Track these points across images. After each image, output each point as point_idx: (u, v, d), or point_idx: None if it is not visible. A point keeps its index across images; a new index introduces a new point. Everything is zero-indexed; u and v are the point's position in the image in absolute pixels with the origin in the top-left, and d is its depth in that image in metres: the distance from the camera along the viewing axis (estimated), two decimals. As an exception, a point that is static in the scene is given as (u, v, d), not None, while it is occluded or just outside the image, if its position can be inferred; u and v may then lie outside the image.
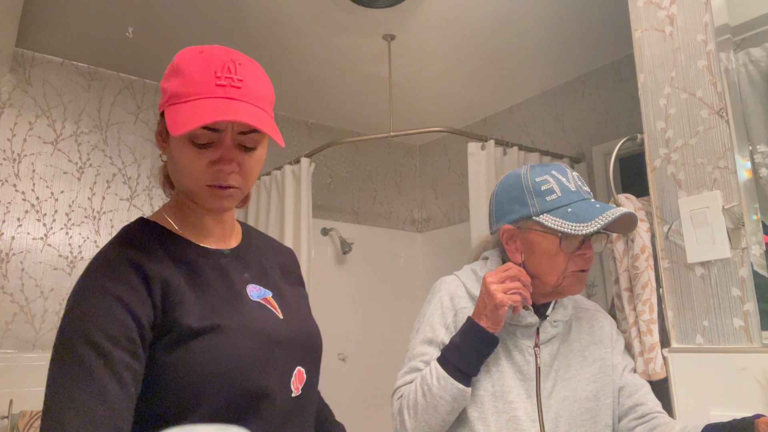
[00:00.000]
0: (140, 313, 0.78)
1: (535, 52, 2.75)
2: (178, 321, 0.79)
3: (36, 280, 2.52)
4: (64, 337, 0.76)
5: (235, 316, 0.84)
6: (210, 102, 0.79)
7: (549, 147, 3.01)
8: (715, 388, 1.08)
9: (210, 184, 0.83)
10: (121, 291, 0.78)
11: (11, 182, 2.54)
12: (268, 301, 0.91)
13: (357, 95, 3.22)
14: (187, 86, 0.81)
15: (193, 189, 0.85)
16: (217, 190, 0.84)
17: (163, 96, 0.85)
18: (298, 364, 0.89)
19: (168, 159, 0.89)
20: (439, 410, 1.06)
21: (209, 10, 2.38)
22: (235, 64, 0.83)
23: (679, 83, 1.22)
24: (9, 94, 2.60)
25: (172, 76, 0.83)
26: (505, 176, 1.21)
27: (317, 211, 3.41)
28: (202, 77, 0.81)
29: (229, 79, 0.81)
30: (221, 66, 0.82)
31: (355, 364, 3.36)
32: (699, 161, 1.17)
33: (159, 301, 0.80)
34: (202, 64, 0.82)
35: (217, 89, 0.80)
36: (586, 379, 1.14)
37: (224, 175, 0.83)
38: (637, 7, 1.32)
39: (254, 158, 0.87)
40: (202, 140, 0.81)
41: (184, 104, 0.80)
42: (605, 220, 1.03)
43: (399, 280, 3.70)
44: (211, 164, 0.82)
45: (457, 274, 1.23)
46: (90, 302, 0.77)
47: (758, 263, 1.06)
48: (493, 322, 1.06)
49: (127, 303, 0.77)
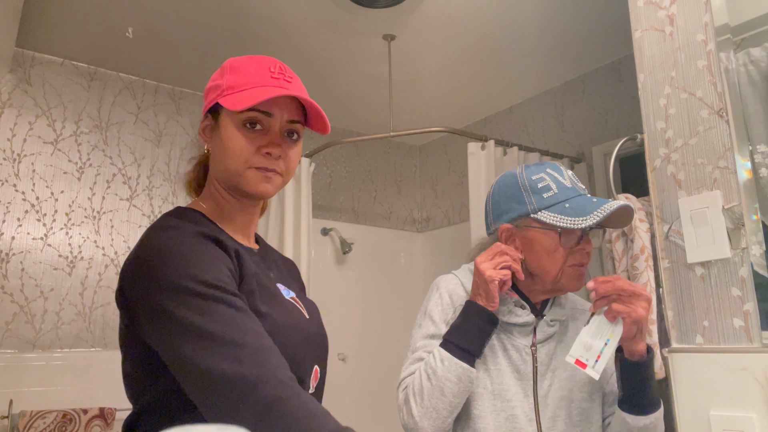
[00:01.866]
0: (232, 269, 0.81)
1: (535, 52, 2.75)
2: (247, 297, 0.81)
3: (36, 280, 2.52)
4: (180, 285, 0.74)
5: (281, 309, 0.87)
6: (266, 89, 0.87)
7: (549, 147, 3.01)
8: (715, 388, 1.08)
9: (257, 166, 0.88)
10: (212, 250, 0.80)
11: (11, 182, 2.54)
12: (296, 300, 0.95)
13: (357, 95, 3.22)
14: (245, 78, 0.88)
15: (241, 172, 0.88)
16: (263, 172, 0.88)
17: (213, 91, 0.90)
18: (316, 363, 0.92)
19: (212, 152, 0.92)
20: (445, 393, 1.06)
21: (209, 11, 2.38)
22: (284, 66, 0.92)
23: (679, 83, 1.22)
24: (9, 94, 2.60)
25: (227, 73, 0.90)
26: (499, 177, 1.21)
27: (317, 211, 3.41)
28: (258, 71, 0.89)
29: (281, 74, 0.90)
30: (273, 64, 0.91)
31: (355, 364, 3.36)
32: (699, 161, 1.17)
33: (236, 268, 0.83)
34: (255, 63, 0.90)
35: (272, 81, 0.88)
36: (582, 380, 1.15)
37: (272, 159, 0.88)
38: (637, 7, 1.32)
39: (297, 148, 0.94)
40: (256, 122, 0.88)
41: (243, 92, 0.86)
42: (603, 213, 1.04)
43: (399, 280, 3.70)
44: (260, 148, 0.88)
45: (455, 273, 1.24)
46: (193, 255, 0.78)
47: (758, 263, 1.06)
48: (488, 299, 1.08)
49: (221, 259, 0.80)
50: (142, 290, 0.77)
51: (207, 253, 0.79)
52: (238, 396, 0.68)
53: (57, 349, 2.50)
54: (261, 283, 0.87)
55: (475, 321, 1.08)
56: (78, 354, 2.54)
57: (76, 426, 2.29)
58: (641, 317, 1.01)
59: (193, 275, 0.75)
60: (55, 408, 2.31)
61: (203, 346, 0.70)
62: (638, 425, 1.06)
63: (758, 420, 1.01)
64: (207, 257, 0.79)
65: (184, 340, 0.71)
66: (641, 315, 1.01)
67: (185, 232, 0.81)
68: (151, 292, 0.75)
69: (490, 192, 1.22)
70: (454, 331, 1.10)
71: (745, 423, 1.02)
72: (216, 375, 0.69)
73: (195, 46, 2.66)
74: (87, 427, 2.31)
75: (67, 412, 2.29)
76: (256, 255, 0.95)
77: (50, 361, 2.47)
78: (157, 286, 0.75)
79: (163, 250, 0.78)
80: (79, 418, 2.30)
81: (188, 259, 0.77)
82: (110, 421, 2.36)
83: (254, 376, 0.68)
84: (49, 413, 2.26)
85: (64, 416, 2.28)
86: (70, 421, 2.29)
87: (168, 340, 0.73)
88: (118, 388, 0.90)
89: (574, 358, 1.04)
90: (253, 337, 0.73)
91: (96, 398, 2.45)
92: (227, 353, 0.70)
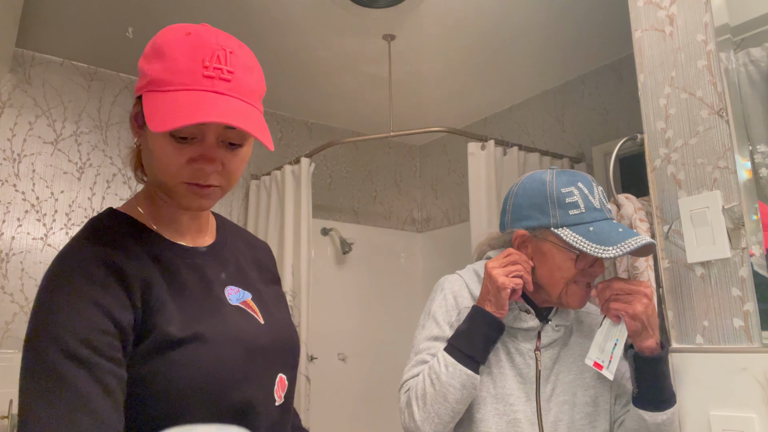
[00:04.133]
0: (120, 317, 0.70)
1: (535, 52, 2.75)
2: (159, 327, 0.73)
3: (36, 280, 2.52)
4: (38, 347, 0.67)
5: (215, 323, 0.77)
6: (196, 95, 0.71)
7: (549, 147, 3.01)
8: (715, 388, 1.08)
9: (189, 181, 0.76)
10: (99, 294, 0.70)
11: (11, 182, 2.54)
12: (248, 305, 0.85)
13: (357, 95, 3.22)
14: (171, 73, 0.73)
15: (170, 185, 0.77)
16: (196, 188, 0.77)
17: (141, 78, 0.76)
18: (280, 371, 0.84)
19: (143, 147, 0.80)
20: (448, 399, 1.05)
21: (209, 10, 2.38)
22: (225, 53, 0.74)
23: (679, 83, 1.22)
24: (9, 94, 2.60)
25: (154, 58, 0.75)
26: (527, 177, 1.17)
27: (317, 211, 3.41)
28: (188, 65, 0.72)
29: (218, 70, 0.73)
30: (210, 54, 0.73)
31: (355, 364, 3.36)
32: (699, 161, 1.17)
33: (139, 304, 0.73)
34: (189, 50, 0.73)
35: (205, 81, 0.72)
36: (585, 384, 1.14)
37: (205, 174, 0.75)
38: (637, 7, 1.32)
39: (239, 156, 0.79)
40: (184, 134, 0.73)
41: (167, 93, 0.72)
42: (628, 248, 1.01)
43: (399, 280, 3.70)
44: (191, 161, 0.75)
45: (460, 273, 1.22)
46: (65, 308, 0.68)
47: (758, 263, 1.06)
48: (497, 306, 1.06)
49: (107, 306, 0.70)
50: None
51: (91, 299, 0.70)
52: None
53: (57, 349, 2.50)
54: (194, 297, 0.78)
55: (481, 327, 1.07)
56: (78, 354, 2.54)
57: (76, 426, 2.29)
58: (638, 313, 1.02)
59: (58, 336, 0.66)
60: (55, 408, 2.30)
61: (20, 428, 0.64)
62: (655, 422, 1.05)
63: (758, 420, 1.01)
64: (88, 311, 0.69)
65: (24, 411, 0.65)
66: (638, 311, 1.02)
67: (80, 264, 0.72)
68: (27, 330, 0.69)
69: (513, 190, 1.18)
70: (460, 336, 1.08)
71: (745, 423, 1.02)
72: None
73: (195, 46, 2.66)
74: (87, 427, 2.31)
75: (67, 412, 2.29)
76: (204, 255, 0.85)
77: (50, 361, 2.47)
78: (29, 333, 0.69)
79: (46, 289, 0.70)
80: (79, 418, 2.30)
81: (65, 311, 0.68)
82: (110, 421, 2.36)
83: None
84: (49, 413, 2.25)
85: (64, 416, 2.28)
86: (70, 421, 2.28)
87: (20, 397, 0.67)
88: (117, 388, 0.89)
89: (592, 360, 1.07)
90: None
91: (96, 398, 2.44)
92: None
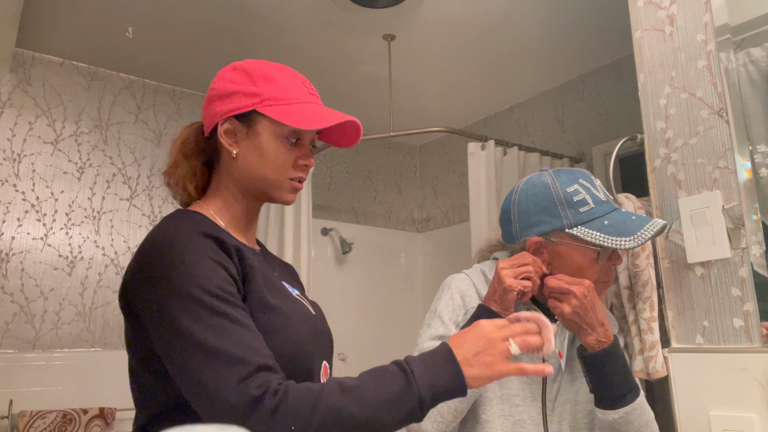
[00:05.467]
0: (235, 275, 0.81)
1: (535, 52, 2.75)
2: (255, 291, 0.83)
3: (36, 280, 2.52)
4: (188, 294, 0.74)
5: (290, 303, 0.89)
6: (316, 107, 0.91)
7: (549, 147, 3.01)
8: (715, 388, 1.08)
9: (293, 177, 0.92)
10: (216, 256, 0.80)
11: (11, 182, 2.54)
12: (301, 297, 0.96)
13: (357, 95, 3.22)
14: (285, 92, 0.91)
15: (279, 183, 0.92)
16: (296, 184, 0.93)
17: (247, 98, 0.91)
18: (324, 359, 0.94)
19: (244, 157, 0.92)
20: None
21: (209, 10, 2.38)
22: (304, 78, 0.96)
23: (679, 83, 1.22)
24: (9, 94, 2.60)
25: (260, 82, 0.91)
26: (525, 183, 1.16)
27: (317, 211, 3.41)
28: (296, 86, 0.92)
29: (312, 89, 0.95)
30: (302, 79, 0.95)
31: (355, 364, 3.36)
32: (699, 161, 1.17)
33: (239, 266, 0.83)
34: (289, 76, 0.94)
35: (311, 97, 0.93)
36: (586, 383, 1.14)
37: (308, 170, 0.94)
38: (637, 7, 1.32)
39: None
40: (297, 137, 0.92)
41: (291, 105, 0.90)
42: (647, 234, 1.01)
43: (399, 280, 3.69)
44: (297, 160, 0.92)
45: (467, 273, 1.21)
46: (200, 263, 0.77)
47: (758, 263, 1.06)
48: (502, 306, 1.05)
49: (225, 264, 0.80)
50: (146, 294, 0.77)
51: (210, 257, 0.79)
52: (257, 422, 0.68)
53: (57, 349, 2.50)
54: (267, 277, 0.88)
55: None
56: (78, 354, 2.54)
57: (76, 426, 2.29)
58: (566, 314, 1.04)
59: (198, 283, 0.75)
60: (55, 408, 2.31)
61: (209, 364, 0.70)
62: (606, 419, 1.05)
63: (758, 420, 1.01)
64: (210, 264, 0.78)
65: (189, 354, 0.72)
66: (565, 311, 1.04)
67: (188, 234, 0.81)
68: (156, 297, 0.75)
69: (514, 200, 1.16)
70: None
71: (745, 423, 1.02)
72: (222, 397, 0.69)
73: (195, 46, 2.66)
74: (87, 427, 2.31)
75: (67, 412, 2.29)
76: (259, 255, 0.96)
77: (50, 361, 2.47)
78: (161, 291, 0.75)
79: (168, 254, 0.78)
80: (79, 418, 2.30)
81: (193, 265, 0.76)
82: (110, 421, 2.36)
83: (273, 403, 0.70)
84: (49, 413, 2.26)
85: (64, 416, 2.28)
86: (70, 422, 2.29)
87: (173, 352, 0.73)
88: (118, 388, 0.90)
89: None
90: (257, 356, 0.73)
91: (96, 398, 2.44)
92: (233, 374, 0.70)
